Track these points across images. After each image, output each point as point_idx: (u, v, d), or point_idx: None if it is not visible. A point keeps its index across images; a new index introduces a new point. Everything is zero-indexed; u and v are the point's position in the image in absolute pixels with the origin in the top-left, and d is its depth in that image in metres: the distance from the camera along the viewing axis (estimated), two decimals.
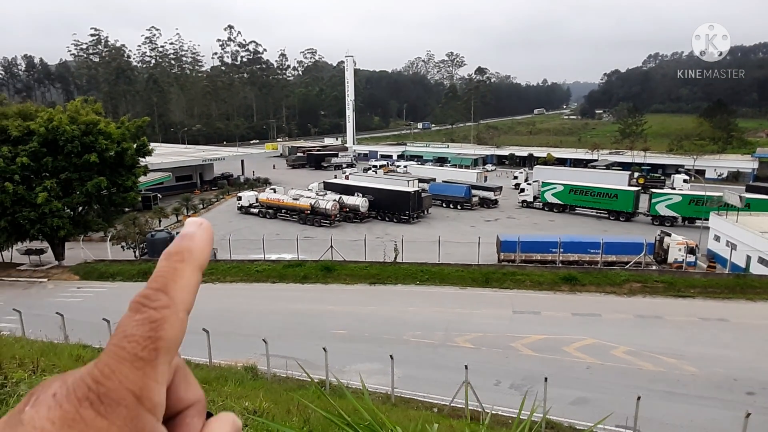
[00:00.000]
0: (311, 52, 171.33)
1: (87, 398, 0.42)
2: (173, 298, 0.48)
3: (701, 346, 21.33)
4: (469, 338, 22.49)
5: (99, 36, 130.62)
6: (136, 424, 0.43)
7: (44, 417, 0.42)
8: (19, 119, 32.35)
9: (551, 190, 52.31)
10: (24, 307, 20.86)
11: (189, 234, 0.53)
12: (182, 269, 0.50)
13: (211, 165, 69.20)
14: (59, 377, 0.45)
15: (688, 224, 44.57)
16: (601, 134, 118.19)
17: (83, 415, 0.41)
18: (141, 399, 0.43)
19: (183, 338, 0.48)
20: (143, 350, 0.44)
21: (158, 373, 0.45)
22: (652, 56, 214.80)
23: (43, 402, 0.43)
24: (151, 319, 0.46)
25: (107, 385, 0.43)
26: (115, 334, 0.46)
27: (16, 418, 0.42)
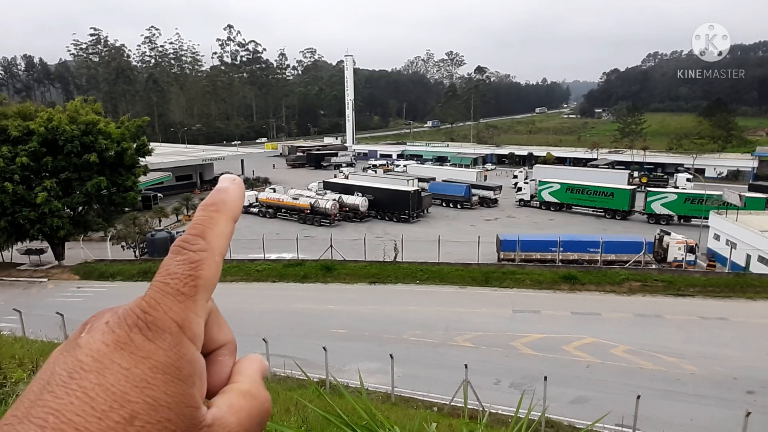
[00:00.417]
0: (311, 51, 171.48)
1: (136, 325, 0.48)
2: (210, 243, 0.53)
3: (701, 345, 21.34)
4: (468, 337, 22.50)
5: (99, 36, 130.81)
6: (179, 349, 0.48)
7: (99, 340, 0.47)
8: (19, 119, 32.34)
9: (548, 188, 52.51)
10: (24, 307, 20.87)
11: (223, 188, 0.58)
12: (217, 218, 0.55)
13: (210, 165, 69.20)
14: (109, 309, 0.51)
15: (683, 222, 44.73)
16: (601, 133, 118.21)
17: (133, 339, 0.47)
18: (183, 328, 0.49)
19: (218, 280, 0.54)
20: (184, 286, 0.50)
21: (198, 308, 0.51)
22: (651, 55, 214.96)
23: (97, 328, 0.49)
24: (191, 260, 0.52)
25: (154, 314, 0.48)
26: (159, 273, 0.52)
27: (72, 343, 0.48)
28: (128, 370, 0.45)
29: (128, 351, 0.46)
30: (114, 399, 0.44)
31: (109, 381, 0.44)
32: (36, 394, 0.45)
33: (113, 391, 0.44)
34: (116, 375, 0.45)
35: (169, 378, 0.46)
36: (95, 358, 0.46)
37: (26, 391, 0.47)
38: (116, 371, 0.45)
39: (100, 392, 0.44)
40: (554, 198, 51.94)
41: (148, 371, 0.46)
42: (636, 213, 47.87)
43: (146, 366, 0.46)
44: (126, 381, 0.45)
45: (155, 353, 0.47)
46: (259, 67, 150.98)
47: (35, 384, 0.47)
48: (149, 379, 0.45)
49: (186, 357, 0.48)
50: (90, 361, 0.46)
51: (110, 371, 0.45)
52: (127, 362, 0.46)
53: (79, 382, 0.44)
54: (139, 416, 0.44)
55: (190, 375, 0.48)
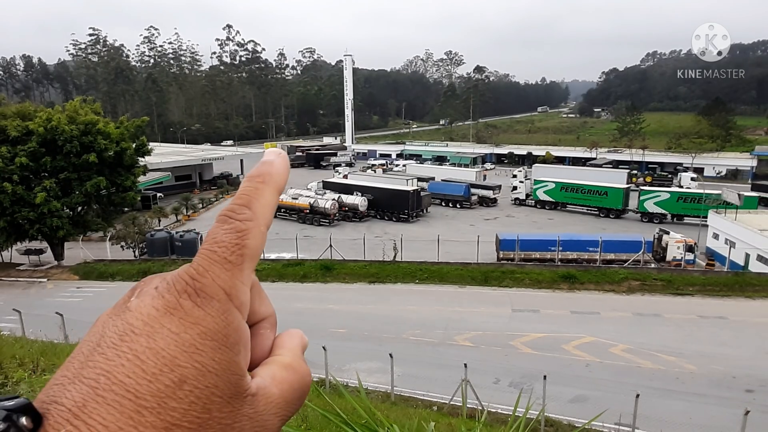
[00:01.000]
0: (310, 51, 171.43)
1: (185, 291, 0.48)
2: (255, 213, 0.53)
3: (700, 344, 21.38)
4: (468, 336, 22.53)
5: (98, 36, 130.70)
6: (226, 316, 0.48)
7: (149, 305, 0.48)
8: (18, 119, 32.32)
9: (543, 187, 52.86)
10: (24, 307, 20.86)
11: (269, 161, 0.58)
12: (263, 189, 0.55)
13: (210, 164, 69.20)
14: (158, 276, 0.52)
15: (677, 221, 44.98)
16: (600, 132, 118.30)
17: (182, 304, 0.47)
18: (231, 296, 0.49)
19: (263, 249, 0.54)
20: (231, 255, 0.50)
21: (244, 276, 0.51)
22: (650, 54, 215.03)
23: (147, 293, 0.49)
24: (238, 229, 0.51)
25: (202, 281, 0.49)
26: (206, 241, 0.52)
27: (122, 307, 0.49)
28: (178, 335, 0.46)
29: (177, 316, 0.47)
30: (164, 363, 0.44)
31: (159, 345, 0.45)
32: (86, 356, 0.46)
33: (163, 355, 0.45)
34: (166, 339, 0.46)
35: (217, 345, 0.47)
36: (146, 322, 0.47)
37: (75, 352, 0.47)
38: (166, 335, 0.46)
39: (151, 356, 0.45)
40: (549, 197, 52.30)
41: (197, 337, 0.46)
42: (630, 212, 48.19)
43: (195, 332, 0.46)
44: (176, 346, 0.45)
45: (204, 319, 0.47)
46: (258, 66, 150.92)
47: (84, 345, 0.47)
48: (198, 345, 0.46)
49: (233, 325, 0.49)
50: (141, 324, 0.46)
51: (160, 335, 0.46)
52: (176, 327, 0.46)
53: (130, 344, 0.45)
54: (187, 381, 0.44)
55: (236, 343, 0.49)
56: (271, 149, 0.61)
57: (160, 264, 33.35)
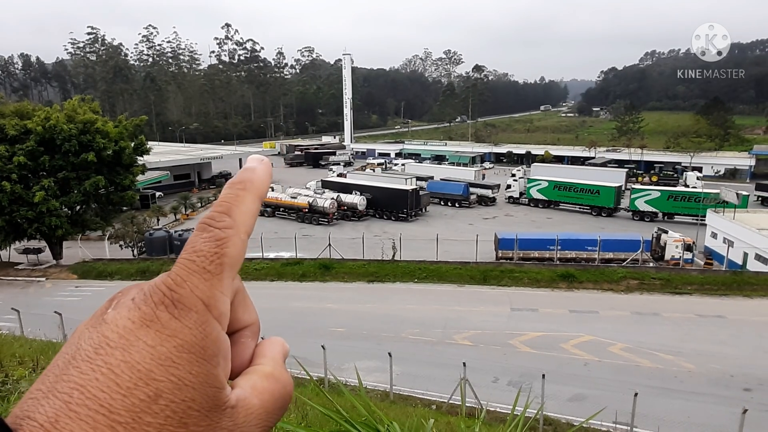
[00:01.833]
0: (308, 50, 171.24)
1: (162, 302, 0.47)
2: (236, 221, 0.52)
3: (698, 343, 21.44)
4: (467, 335, 22.57)
5: (96, 35, 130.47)
6: (204, 328, 0.47)
7: (125, 317, 0.47)
8: (16, 118, 32.29)
9: (536, 186, 53.27)
10: (22, 306, 20.86)
11: (251, 167, 0.57)
12: (244, 196, 0.54)
13: (209, 163, 69.16)
14: (135, 285, 0.51)
15: (667, 219, 45.29)
16: (599, 132, 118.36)
17: (159, 316, 0.46)
18: (209, 307, 0.48)
19: (243, 258, 0.52)
20: (210, 264, 0.49)
21: (224, 286, 0.50)
22: (649, 54, 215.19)
23: (123, 305, 0.48)
24: (217, 237, 0.50)
25: (180, 292, 0.47)
26: (185, 250, 0.50)
27: (98, 319, 0.48)
28: (154, 348, 0.45)
29: (154, 329, 0.46)
30: (139, 377, 0.43)
31: (135, 358, 0.44)
32: (61, 369, 0.45)
33: (138, 369, 0.44)
34: (141, 352, 0.44)
35: (194, 357, 0.46)
36: (121, 335, 0.45)
37: (51, 364, 0.46)
38: (142, 348, 0.45)
39: (126, 369, 0.44)
40: (542, 195, 52.73)
41: (174, 350, 0.45)
42: (622, 210, 48.60)
43: (171, 344, 0.45)
44: (151, 359, 0.44)
45: (181, 331, 0.46)
46: (257, 66, 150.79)
47: (60, 358, 0.46)
48: (174, 358, 0.45)
49: (211, 336, 0.48)
50: (116, 337, 0.45)
51: (136, 348, 0.45)
52: (152, 340, 0.45)
53: (105, 358, 0.44)
54: (163, 395, 0.44)
55: (214, 355, 0.48)
56: (254, 156, 0.60)
57: (159, 263, 33.35)
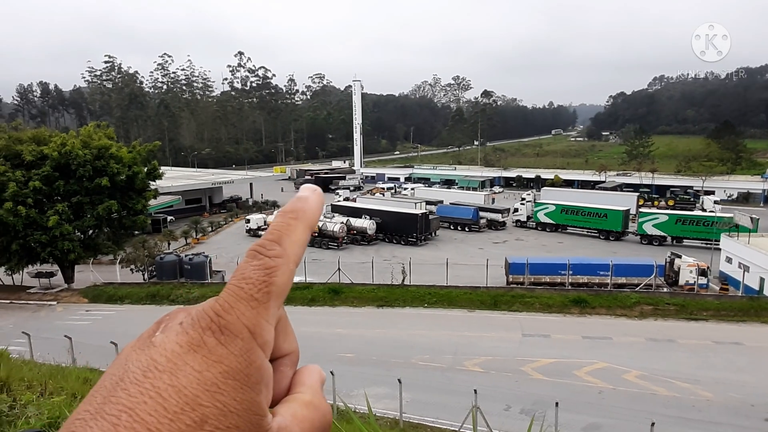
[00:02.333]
0: (319, 76, 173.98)
1: (209, 328, 0.48)
2: (286, 250, 0.53)
3: (716, 371, 20.90)
4: (478, 362, 22.21)
5: (113, 63, 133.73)
6: (249, 356, 0.48)
7: (173, 340, 0.48)
8: (33, 144, 32.95)
9: (543, 209, 53.22)
10: (33, 330, 20.93)
11: (303, 197, 0.58)
12: (295, 225, 0.55)
13: (220, 188, 69.85)
14: (183, 309, 0.52)
15: (676, 243, 44.87)
16: (608, 156, 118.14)
17: (206, 341, 0.47)
18: (255, 335, 0.49)
19: (290, 288, 0.53)
20: (258, 292, 0.50)
21: (270, 315, 0.51)
22: (657, 78, 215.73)
23: (171, 329, 0.49)
24: (266, 266, 0.51)
25: (227, 318, 0.48)
26: (234, 276, 0.51)
27: (146, 341, 0.49)
28: (200, 373, 0.45)
29: (201, 354, 0.47)
30: (186, 401, 0.44)
31: (182, 383, 0.45)
32: (109, 390, 0.45)
33: (185, 393, 0.44)
34: (189, 377, 0.45)
35: (239, 384, 0.46)
36: (169, 359, 0.46)
37: (98, 385, 0.47)
38: (189, 373, 0.45)
39: (173, 393, 0.44)
40: (550, 219, 52.56)
41: (219, 376, 0.46)
42: (630, 234, 48.19)
43: (217, 370, 0.46)
44: (198, 384, 0.45)
45: (227, 358, 0.47)
46: (269, 92, 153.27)
47: (107, 379, 0.47)
48: (220, 384, 0.46)
49: (255, 364, 0.48)
50: (164, 361, 0.46)
51: (183, 373, 0.45)
52: (199, 365, 0.46)
53: (153, 381, 0.45)
54: (209, 421, 0.44)
55: (258, 382, 0.48)
56: (307, 185, 0.60)
57: (169, 287, 33.43)
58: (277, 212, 0.57)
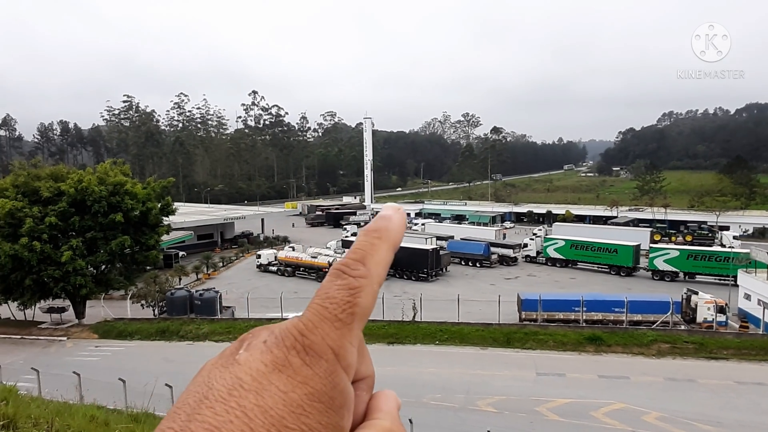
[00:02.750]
0: (331, 114, 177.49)
1: (294, 347, 0.47)
2: (370, 270, 0.52)
3: (739, 412, 20.14)
4: (491, 401, 21.63)
5: (131, 102, 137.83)
6: (333, 378, 0.47)
7: (258, 359, 0.47)
8: (51, 181, 33.68)
9: (553, 245, 52.90)
10: (42, 366, 20.86)
11: (387, 216, 0.57)
12: (379, 245, 0.54)
13: (232, 224, 70.38)
14: (266, 328, 0.51)
15: (688, 279, 44.20)
16: (619, 191, 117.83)
17: (291, 361, 0.46)
18: (339, 356, 0.48)
19: (373, 309, 0.52)
20: (342, 312, 0.49)
21: (353, 336, 0.50)
22: (666, 114, 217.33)
23: (255, 347, 0.48)
24: (350, 286, 0.50)
25: (311, 338, 0.47)
26: (318, 295, 0.51)
27: (230, 359, 0.48)
28: (286, 394, 0.45)
29: (286, 374, 0.46)
30: (271, 422, 0.43)
31: (268, 403, 0.44)
32: (193, 408, 0.45)
33: (271, 414, 0.44)
34: (274, 397, 0.44)
35: (323, 407, 0.45)
36: (254, 377, 0.46)
37: (180, 402, 0.46)
38: (274, 393, 0.45)
39: (259, 413, 0.44)
40: (559, 254, 52.15)
41: (305, 397, 0.45)
42: (641, 269, 47.57)
43: (303, 392, 0.45)
44: (283, 405, 0.44)
45: (312, 379, 0.46)
46: (281, 129, 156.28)
47: (190, 396, 0.46)
48: (305, 406, 0.45)
49: (339, 387, 0.47)
50: (249, 379, 0.45)
51: (268, 393, 0.45)
52: (284, 385, 0.45)
53: (239, 400, 0.44)
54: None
55: (341, 406, 0.47)
56: (389, 204, 0.60)
57: (179, 323, 33.32)
58: (360, 231, 0.56)
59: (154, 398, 12.23)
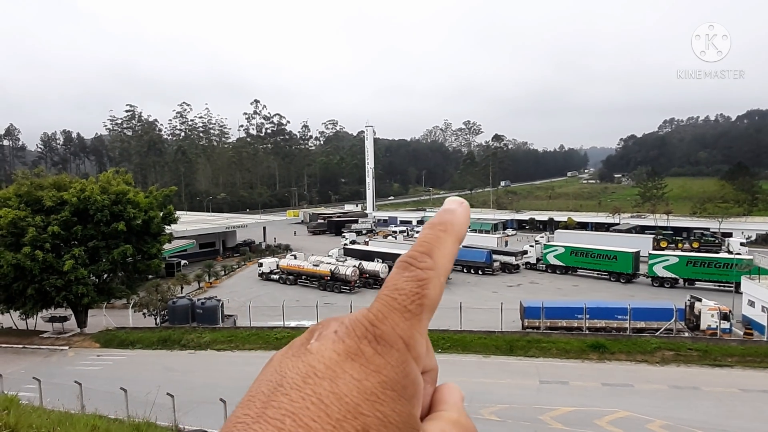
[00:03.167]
0: (332, 122, 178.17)
1: (365, 337, 0.48)
2: (436, 262, 0.52)
3: (744, 420, 19.97)
4: (494, 410, 21.50)
5: (133, 111, 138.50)
6: (405, 367, 0.47)
7: (330, 348, 0.48)
8: (54, 190, 33.78)
9: (553, 252, 52.97)
10: (44, 376, 20.82)
11: (451, 209, 0.57)
12: (445, 238, 0.54)
13: (233, 232, 70.42)
14: (335, 319, 0.52)
15: (688, 286, 44.16)
16: (621, 198, 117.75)
17: (363, 350, 0.47)
18: (409, 346, 0.48)
19: (439, 301, 0.53)
20: (411, 304, 0.50)
21: (422, 327, 0.50)
22: (667, 121, 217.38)
23: (326, 337, 0.49)
24: (419, 278, 0.51)
25: (381, 328, 0.48)
26: (386, 286, 0.52)
27: (301, 348, 0.49)
28: (360, 382, 0.45)
29: (359, 362, 0.46)
30: (347, 409, 0.44)
31: (342, 390, 0.44)
32: (267, 396, 0.45)
33: (346, 401, 0.44)
34: (348, 385, 0.45)
35: (396, 395, 0.46)
36: (327, 366, 0.46)
37: (253, 392, 0.47)
38: (348, 381, 0.45)
39: (334, 400, 0.44)
40: (559, 261, 52.17)
41: (378, 386, 0.45)
42: (641, 276, 47.55)
43: (376, 380, 0.46)
44: (358, 392, 0.45)
45: (384, 368, 0.46)
46: (283, 138, 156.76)
47: (263, 385, 0.47)
48: (379, 394, 0.45)
49: (411, 377, 0.48)
50: (322, 368, 0.46)
51: (342, 380, 0.45)
52: (358, 373, 0.46)
53: (314, 387, 0.45)
54: (370, 430, 0.43)
55: (413, 396, 0.47)
56: (453, 198, 0.60)
57: (180, 332, 33.27)
58: (424, 225, 0.56)
59: (155, 407, 12.20)
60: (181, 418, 17.21)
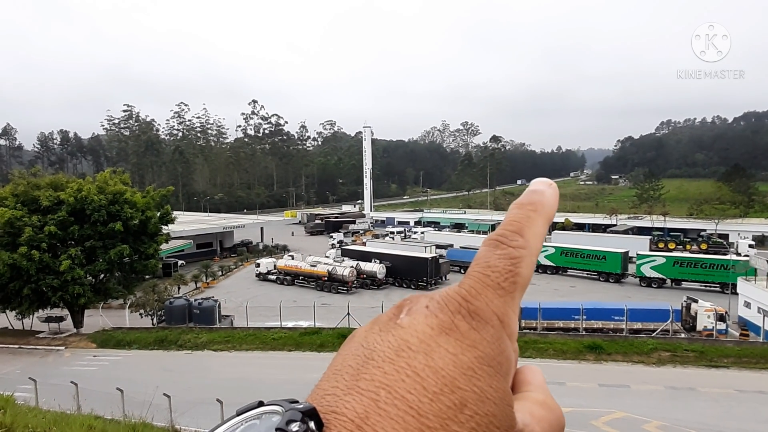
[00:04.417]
0: (330, 123, 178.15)
1: (459, 312, 0.47)
2: (528, 241, 0.52)
3: (740, 421, 20.04)
4: None
5: (131, 111, 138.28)
6: (500, 344, 0.47)
7: (423, 322, 0.46)
8: (51, 190, 33.68)
9: (544, 252, 53.15)
10: (40, 376, 20.75)
11: (539, 190, 0.56)
12: (535, 218, 0.54)
13: (231, 232, 70.33)
14: (423, 294, 0.51)
15: (675, 286, 44.63)
16: (618, 199, 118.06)
17: (458, 325, 0.46)
18: (504, 323, 0.48)
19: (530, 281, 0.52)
20: (505, 281, 0.49)
21: (515, 305, 0.50)
22: (664, 123, 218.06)
23: (417, 311, 0.48)
24: (511, 256, 0.50)
25: (476, 303, 0.47)
26: (477, 263, 0.51)
27: (390, 323, 0.48)
28: (456, 356, 0.44)
29: (453, 337, 0.45)
30: (444, 383, 0.43)
31: (438, 364, 0.44)
32: (357, 369, 0.45)
33: (443, 375, 0.43)
34: (444, 359, 0.44)
35: (493, 371, 0.45)
36: (421, 340, 0.45)
37: (338, 366, 0.46)
38: (444, 355, 0.44)
39: (431, 374, 0.43)
40: (550, 261, 52.50)
41: (475, 360, 0.44)
42: (630, 276, 48.03)
43: (472, 355, 0.45)
44: (454, 366, 0.44)
45: (480, 343, 0.45)
46: (281, 138, 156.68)
47: (348, 359, 0.46)
48: (476, 369, 0.44)
49: (505, 353, 0.47)
50: (416, 341, 0.45)
51: (438, 354, 0.44)
52: (453, 348, 0.45)
53: (408, 361, 0.44)
54: (468, 405, 0.42)
55: (508, 372, 0.47)
56: (540, 179, 0.59)
57: (177, 332, 33.21)
58: (512, 205, 0.55)
59: (152, 408, 12.18)
60: (178, 419, 17.18)
